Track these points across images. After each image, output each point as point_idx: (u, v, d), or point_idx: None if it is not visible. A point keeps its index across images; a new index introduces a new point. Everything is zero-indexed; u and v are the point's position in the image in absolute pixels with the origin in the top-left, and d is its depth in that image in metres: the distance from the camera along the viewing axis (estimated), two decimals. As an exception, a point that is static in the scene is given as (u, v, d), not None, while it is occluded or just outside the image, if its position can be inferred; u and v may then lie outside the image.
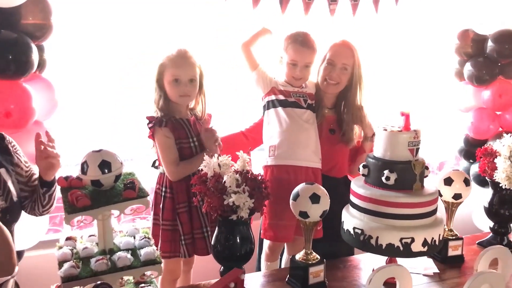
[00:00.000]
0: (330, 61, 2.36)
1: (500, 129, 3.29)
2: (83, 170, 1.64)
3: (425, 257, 2.18)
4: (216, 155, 1.80)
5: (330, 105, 2.46)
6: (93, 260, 1.60)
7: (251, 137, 2.40)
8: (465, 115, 3.40)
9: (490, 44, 3.17)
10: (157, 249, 1.66)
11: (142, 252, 1.62)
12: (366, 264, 2.16)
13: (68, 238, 1.75)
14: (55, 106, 2.44)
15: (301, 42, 2.27)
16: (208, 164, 1.78)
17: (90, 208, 1.58)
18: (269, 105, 2.32)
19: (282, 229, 2.28)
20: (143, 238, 1.69)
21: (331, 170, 2.44)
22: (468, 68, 3.26)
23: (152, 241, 1.68)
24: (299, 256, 1.97)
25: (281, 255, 2.49)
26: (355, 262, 2.22)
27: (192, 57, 2.18)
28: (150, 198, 2.16)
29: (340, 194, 2.13)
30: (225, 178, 1.71)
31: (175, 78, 2.13)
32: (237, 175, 1.73)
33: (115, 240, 1.69)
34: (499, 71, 3.22)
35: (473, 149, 3.31)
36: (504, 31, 3.14)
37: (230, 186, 1.70)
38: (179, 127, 2.18)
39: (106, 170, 1.60)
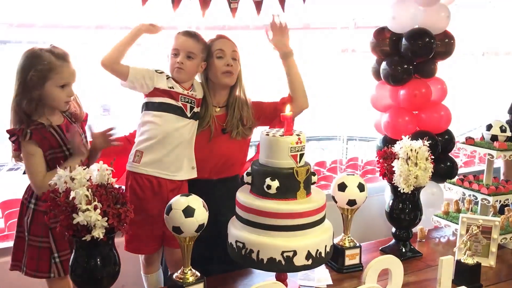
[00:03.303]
0: (220, 51, 2.21)
1: (417, 128, 3.23)
2: None
3: (322, 266, 2.06)
4: (69, 167, 1.60)
5: (222, 103, 2.30)
6: None
7: (133, 142, 2.20)
8: (383, 114, 3.32)
9: (404, 42, 3.09)
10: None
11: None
12: (256, 278, 2.01)
13: None
14: None
15: (184, 32, 2.18)
16: (60, 177, 1.58)
17: None
18: (148, 106, 2.14)
19: (144, 240, 2.14)
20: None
21: (227, 170, 2.28)
22: (384, 67, 3.18)
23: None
24: (176, 274, 1.82)
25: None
26: (245, 276, 2.07)
27: None
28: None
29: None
30: (72, 194, 1.52)
31: (65, 83, 1.95)
32: (88, 190, 1.54)
33: None
34: (414, 70, 3.16)
35: (391, 148, 3.25)
36: (417, 29, 3.08)
37: (80, 203, 1.51)
38: (49, 136, 1.95)
39: None
